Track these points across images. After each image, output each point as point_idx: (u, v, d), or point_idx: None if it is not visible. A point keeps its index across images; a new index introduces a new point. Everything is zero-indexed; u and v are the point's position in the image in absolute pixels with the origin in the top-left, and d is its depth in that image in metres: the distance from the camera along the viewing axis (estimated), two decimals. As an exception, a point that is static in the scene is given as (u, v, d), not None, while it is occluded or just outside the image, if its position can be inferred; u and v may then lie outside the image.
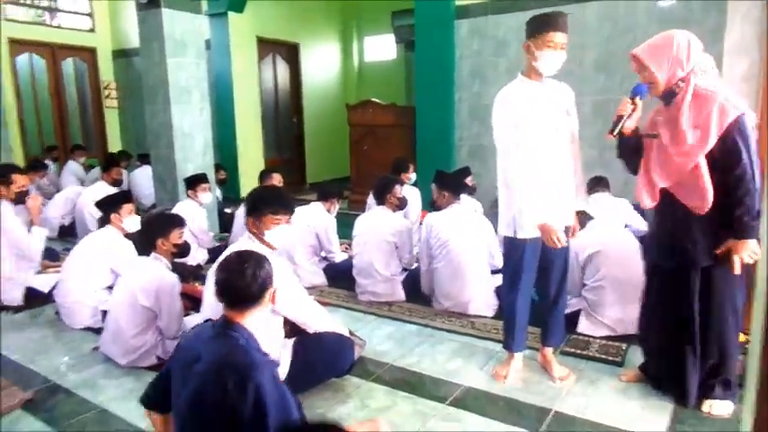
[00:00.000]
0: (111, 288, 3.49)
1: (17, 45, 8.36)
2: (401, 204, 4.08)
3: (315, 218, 4.25)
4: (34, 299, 3.83)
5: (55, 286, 3.66)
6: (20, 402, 2.54)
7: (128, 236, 3.63)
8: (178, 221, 3.17)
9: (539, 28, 2.41)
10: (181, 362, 1.77)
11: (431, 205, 4.02)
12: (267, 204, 2.54)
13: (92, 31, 9.28)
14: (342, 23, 10.33)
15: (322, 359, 2.53)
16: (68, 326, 3.46)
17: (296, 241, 4.08)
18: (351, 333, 2.82)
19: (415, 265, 4.03)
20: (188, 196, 4.87)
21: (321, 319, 2.63)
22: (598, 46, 4.99)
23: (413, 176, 4.98)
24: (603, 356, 2.91)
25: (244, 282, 1.73)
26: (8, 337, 3.33)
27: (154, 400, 1.94)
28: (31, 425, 2.40)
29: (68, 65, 9.10)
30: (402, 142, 6.54)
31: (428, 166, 4.98)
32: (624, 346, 3.00)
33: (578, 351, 2.97)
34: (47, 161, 7.56)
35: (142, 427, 2.37)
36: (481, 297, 3.55)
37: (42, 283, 3.89)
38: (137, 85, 8.74)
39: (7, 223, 3.77)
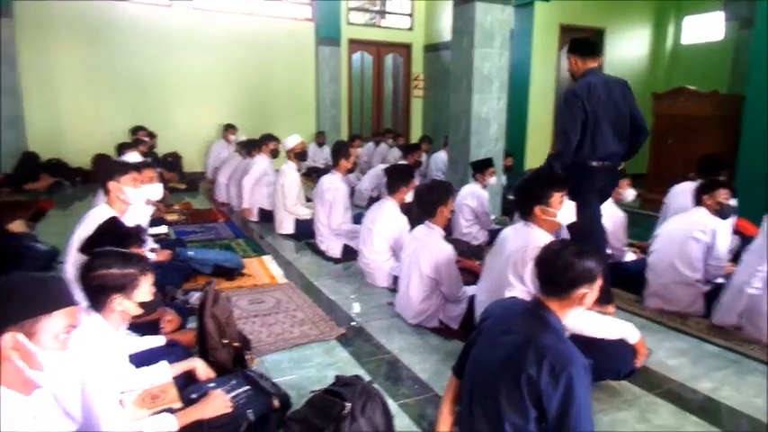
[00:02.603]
0: (395, 255, 3.99)
1: (354, 45, 10.08)
2: (723, 212, 3.46)
3: (605, 213, 4.00)
4: (348, 254, 4.61)
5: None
6: (335, 334, 3.14)
7: (405, 207, 4.05)
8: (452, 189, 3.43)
9: None
10: (489, 330, 1.90)
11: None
12: (552, 184, 2.52)
13: (410, 29, 10.51)
14: (658, 3, 9.28)
15: (601, 357, 2.40)
16: (371, 283, 4.07)
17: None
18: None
19: (720, 280, 3.43)
20: (474, 179, 5.16)
21: (600, 326, 2.48)
22: None
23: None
24: None
25: (557, 266, 1.72)
26: (329, 281, 4.12)
27: (461, 367, 2.06)
28: (340, 354, 2.93)
29: (389, 60, 10.55)
30: (719, 137, 5.61)
31: (755, 167, 4.16)
32: None
33: None
34: (371, 142, 9.00)
35: (423, 378, 2.66)
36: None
37: (354, 243, 4.66)
38: (441, 77, 9.62)
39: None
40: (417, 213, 3.50)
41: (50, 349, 1.24)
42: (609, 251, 4.08)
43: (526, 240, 2.59)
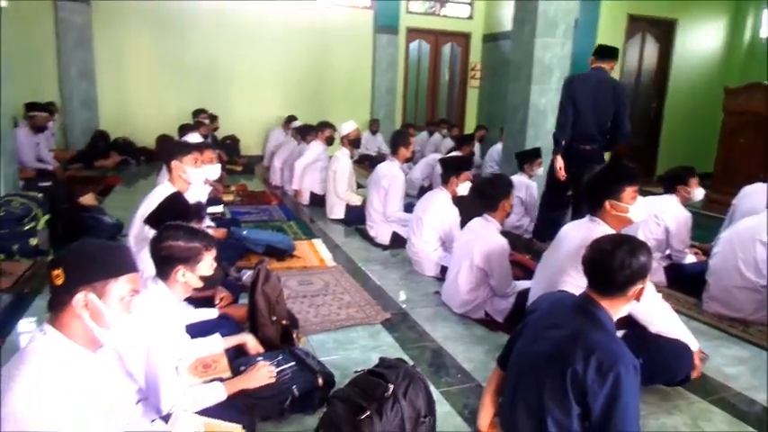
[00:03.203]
0: (443, 245, 3.98)
1: (412, 33, 10.03)
2: None
3: (666, 212, 3.84)
4: (397, 241, 4.63)
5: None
6: (381, 319, 3.17)
7: (456, 199, 4.01)
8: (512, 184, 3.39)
9: None
10: (535, 323, 1.88)
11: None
12: (625, 178, 2.42)
13: (469, 18, 10.34)
14: (737, -7, 8.73)
15: (656, 360, 2.32)
16: (418, 271, 4.08)
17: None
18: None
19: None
20: (521, 170, 5.07)
21: (669, 321, 2.40)
22: None
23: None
24: None
25: (611, 266, 1.66)
26: (377, 267, 4.16)
27: (505, 358, 2.05)
28: (385, 339, 2.97)
29: (446, 49, 10.43)
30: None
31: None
32: None
33: None
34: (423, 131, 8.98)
35: (466, 367, 2.66)
36: None
37: (403, 231, 4.67)
38: (499, 67, 9.42)
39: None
40: (477, 206, 3.48)
41: (116, 310, 1.33)
42: (668, 252, 3.92)
43: (589, 236, 2.51)
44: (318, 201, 5.91)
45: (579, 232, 2.57)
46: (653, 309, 2.36)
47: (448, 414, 2.24)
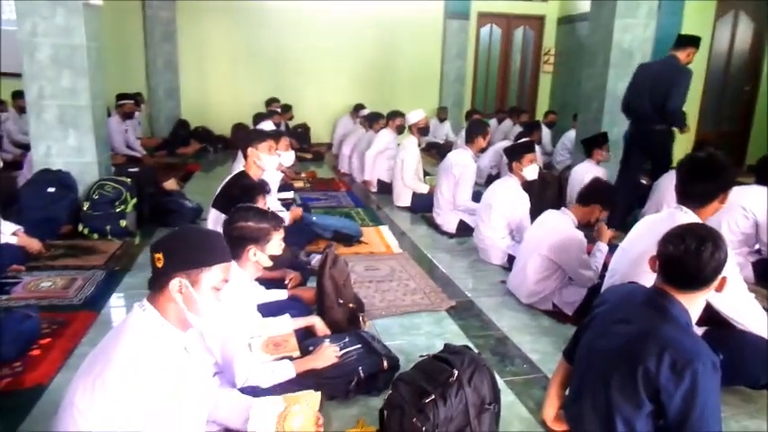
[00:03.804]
0: (512, 234, 3.92)
1: (483, 18, 9.82)
2: None
3: (756, 204, 3.56)
4: (463, 230, 4.60)
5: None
6: (446, 306, 3.18)
7: (525, 184, 3.92)
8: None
9: None
10: (603, 317, 1.82)
11: None
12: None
13: (544, 0, 9.96)
14: None
15: (737, 359, 2.18)
16: (485, 260, 4.04)
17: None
18: None
19: None
20: (588, 156, 4.88)
21: (755, 316, 2.24)
22: None
23: None
24: None
25: (698, 264, 1.56)
26: (443, 255, 4.15)
27: (572, 351, 2.01)
28: (449, 326, 2.97)
29: (518, 33, 10.13)
30: None
31: None
32: None
33: None
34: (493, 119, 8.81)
35: (532, 358, 2.62)
36: None
37: (470, 219, 4.63)
38: (574, 51, 9.04)
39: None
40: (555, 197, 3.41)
41: (207, 298, 1.42)
42: (757, 247, 3.65)
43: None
44: (386, 188, 5.96)
45: (669, 224, 2.44)
46: (738, 301, 2.21)
47: (512, 404, 2.23)
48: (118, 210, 4.18)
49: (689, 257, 1.57)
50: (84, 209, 4.15)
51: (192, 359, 1.48)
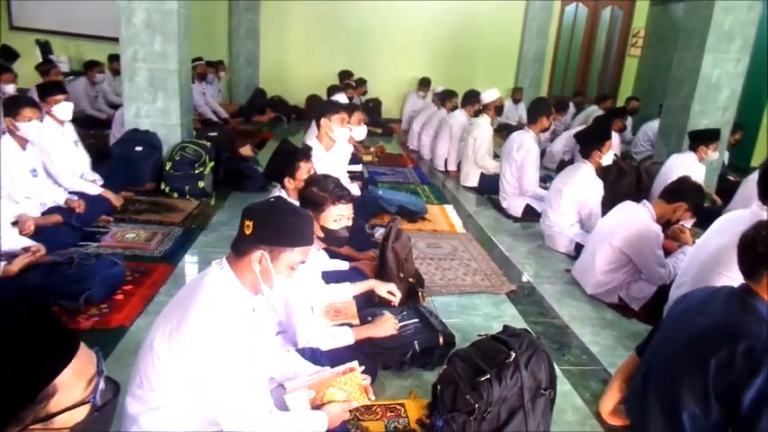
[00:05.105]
0: (581, 221, 3.80)
1: (570, -5, 9.36)
2: None
3: None
4: (530, 214, 4.50)
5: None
6: (506, 290, 3.15)
7: (600, 172, 3.77)
8: None
9: None
10: (676, 312, 1.76)
11: None
12: None
13: (637, -23, 9.37)
14: None
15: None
16: (550, 246, 3.94)
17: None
18: None
19: None
20: (692, 150, 4.55)
21: None
22: None
23: None
24: None
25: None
26: (506, 238, 4.09)
27: (645, 347, 1.93)
28: (508, 310, 2.95)
29: (606, 13, 9.59)
30: None
31: None
32: None
33: None
34: (570, 102, 8.42)
35: (593, 350, 2.56)
36: None
37: (538, 205, 4.52)
38: (667, 33, 8.46)
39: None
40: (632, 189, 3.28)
41: (282, 275, 1.49)
42: None
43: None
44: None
45: (745, 222, 2.29)
46: None
47: (567, 393, 2.20)
48: (197, 171, 4.41)
49: (760, 245, 1.51)
50: (167, 168, 4.40)
51: (260, 319, 1.56)
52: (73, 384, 0.88)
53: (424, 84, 8.51)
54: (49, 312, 0.91)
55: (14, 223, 2.89)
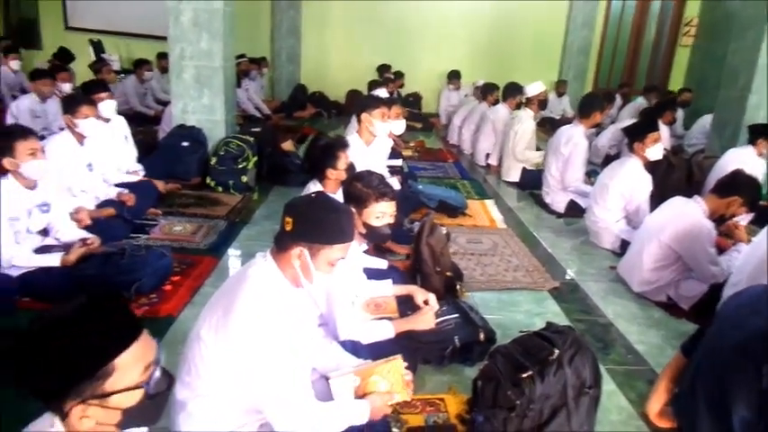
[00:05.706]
0: (627, 217, 3.68)
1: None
2: None
3: None
4: (574, 210, 4.39)
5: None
6: (549, 287, 3.10)
7: (648, 166, 3.63)
8: None
9: None
10: (728, 311, 1.68)
11: None
12: None
13: (689, -36, 8.98)
14: None
15: None
16: (595, 243, 3.84)
17: None
18: None
19: None
20: (752, 144, 4.32)
21: None
22: None
23: None
24: None
25: None
26: (549, 234, 4.02)
27: (690, 346, 1.82)
28: (551, 306, 2.90)
29: (656, 4, 9.23)
30: None
31: None
32: None
33: None
34: (616, 95, 8.19)
35: (638, 349, 2.49)
36: None
37: (582, 200, 4.40)
38: (721, 23, 8.06)
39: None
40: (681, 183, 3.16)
41: (321, 271, 1.51)
42: None
43: None
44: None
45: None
46: None
47: (612, 393, 2.15)
48: (240, 166, 4.51)
49: None
50: (212, 163, 4.52)
51: (302, 312, 1.58)
52: (131, 367, 0.93)
53: (454, 76, 8.41)
54: (120, 299, 0.99)
55: (72, 215, 3.03)
